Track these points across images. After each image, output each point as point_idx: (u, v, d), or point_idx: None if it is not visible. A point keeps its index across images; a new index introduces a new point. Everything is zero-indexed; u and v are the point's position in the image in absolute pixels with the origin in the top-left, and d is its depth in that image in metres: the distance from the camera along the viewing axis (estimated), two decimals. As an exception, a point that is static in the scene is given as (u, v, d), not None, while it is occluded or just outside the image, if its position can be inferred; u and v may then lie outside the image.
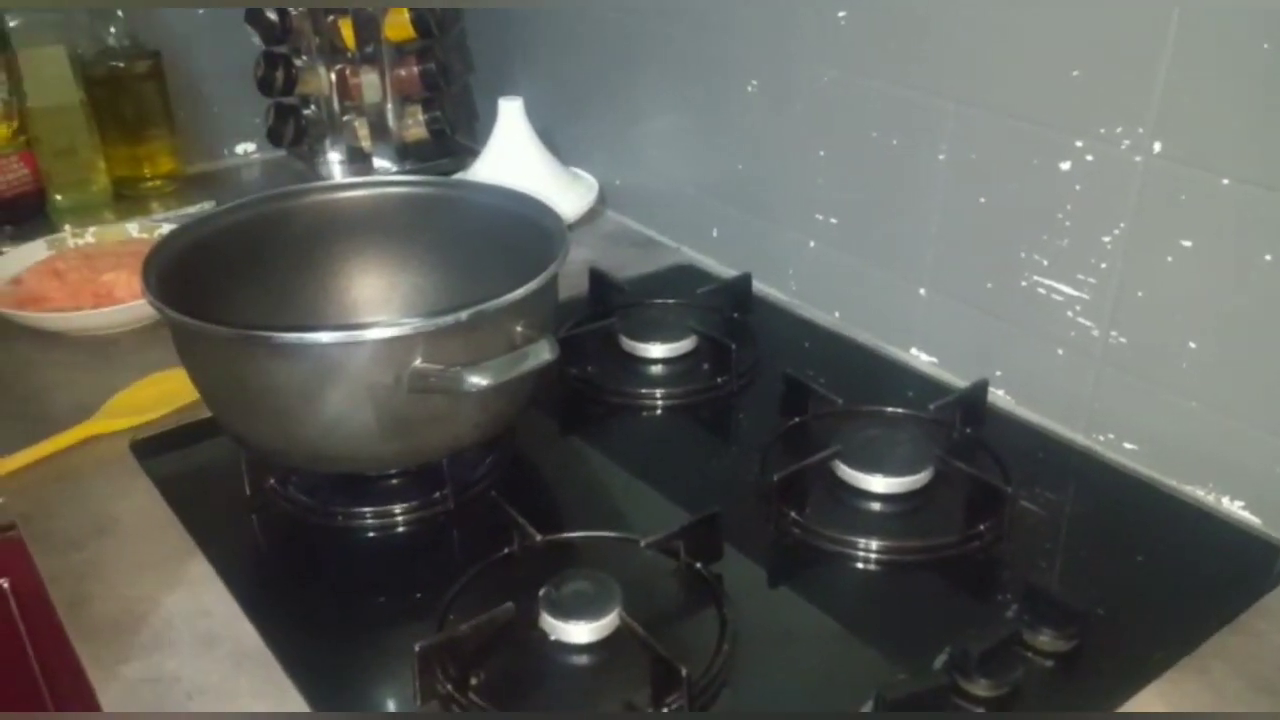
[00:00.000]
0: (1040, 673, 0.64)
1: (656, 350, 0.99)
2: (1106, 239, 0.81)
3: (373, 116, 1.42)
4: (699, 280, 1.14)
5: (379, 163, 1.43)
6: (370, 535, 0.79)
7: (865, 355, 1.03)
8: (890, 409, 0.89)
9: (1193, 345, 0.78)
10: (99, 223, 1.22)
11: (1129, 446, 0.85)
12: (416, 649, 0.60)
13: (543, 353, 0.71)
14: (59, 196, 1.31)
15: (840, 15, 0.96)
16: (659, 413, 0.94)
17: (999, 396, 0.93)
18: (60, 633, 0.70)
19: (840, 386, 0.89)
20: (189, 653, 0.67)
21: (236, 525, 0.80)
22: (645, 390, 0.95)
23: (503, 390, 0.70)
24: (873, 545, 0.74)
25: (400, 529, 0.79)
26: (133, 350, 1.01)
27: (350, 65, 1.38)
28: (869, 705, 0.60)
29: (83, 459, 0.86)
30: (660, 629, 0.63)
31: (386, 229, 0.92)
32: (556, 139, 1.37)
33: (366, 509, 0.79)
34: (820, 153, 1.03)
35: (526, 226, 0.84)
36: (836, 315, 1.08)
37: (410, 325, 0.69)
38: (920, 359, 1.00)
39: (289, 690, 0.64)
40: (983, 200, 0.90)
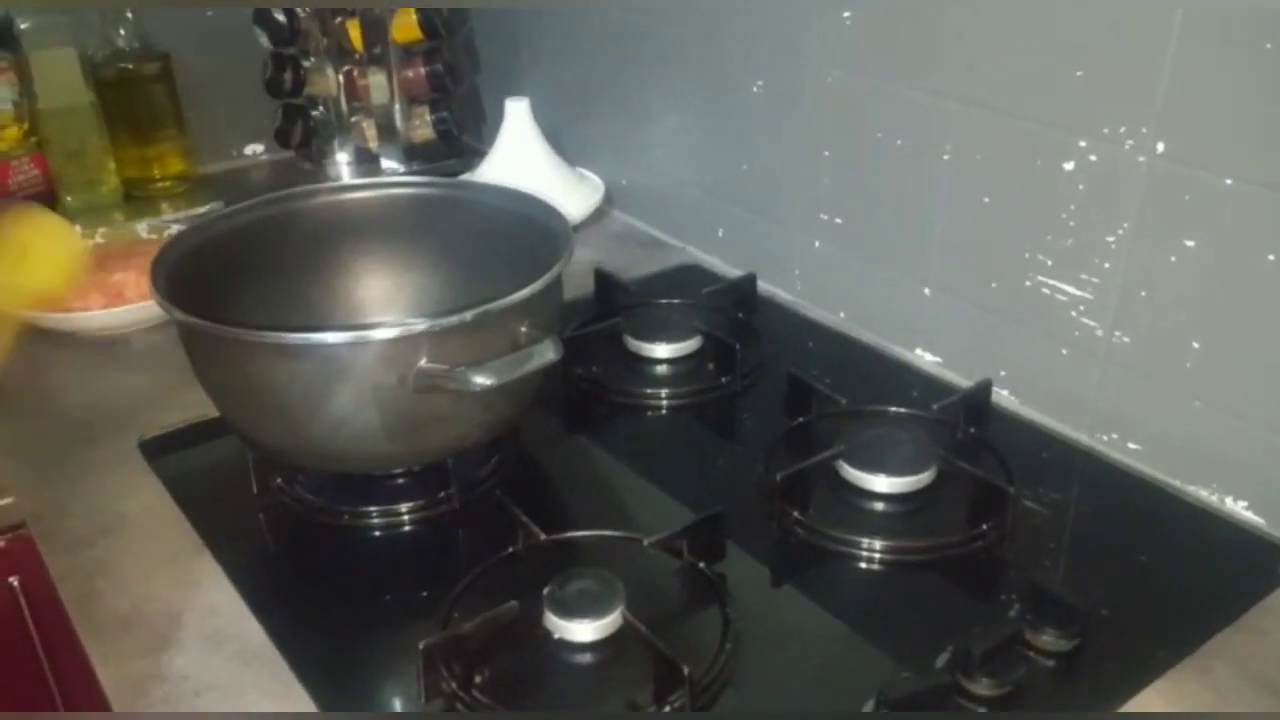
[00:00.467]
0: (1042, 672, 0.64)
1: (661, 350, 0.99)
2: (1110, 239, 0.81)
3: (380, 117, 1.42)
4: (704, 280, 1.14)
5: (386, 163, 1.44)
6: (376, 534, 0.80)
7: (870, 355, 1.03)
8: (894, 409, 0.89)
9: (1196, 345, 0.79)
10: (109, 224, 1.23)
11: (1133, 446, 0.85)
12: (421, 647, 0.61)
13: (547, 353, 0.71)
14: (69, 198, 1.32)
15: (845, 16, 0.96)
16: (663, 412, 0.94)
17: (1003, 396, 0.93)
18: (69, 630, 0.71)
19: (844, 386, 0.90)
20: (196, 651, 0.68)
21: (244, 524, 0.80)
22: (650, 390, 0.96)
23: (507, 390, 0.70)
24: (876, 545, 0.75)
25: (406, 528, 0.79)
26: (143, 350, 1.02)
27: (358, 66, 1.39)
28: (871, 704, 0.60)
29: (92, 458, 0.87)
30: (663, 628, 0.63)
31: (393, 229, 0.92)
32: (563, 139, 1.37)
33: (372, 508, 0.80)
34: (825, 153, 1.03)
35: (532, 227, 0.85)
36: (841, 315, 1.08)
37: (415, 325, 0.69)
38: (924, 359, 1.00)
39: (295, 688, 0.65)
40: (987, 200, 0.90)
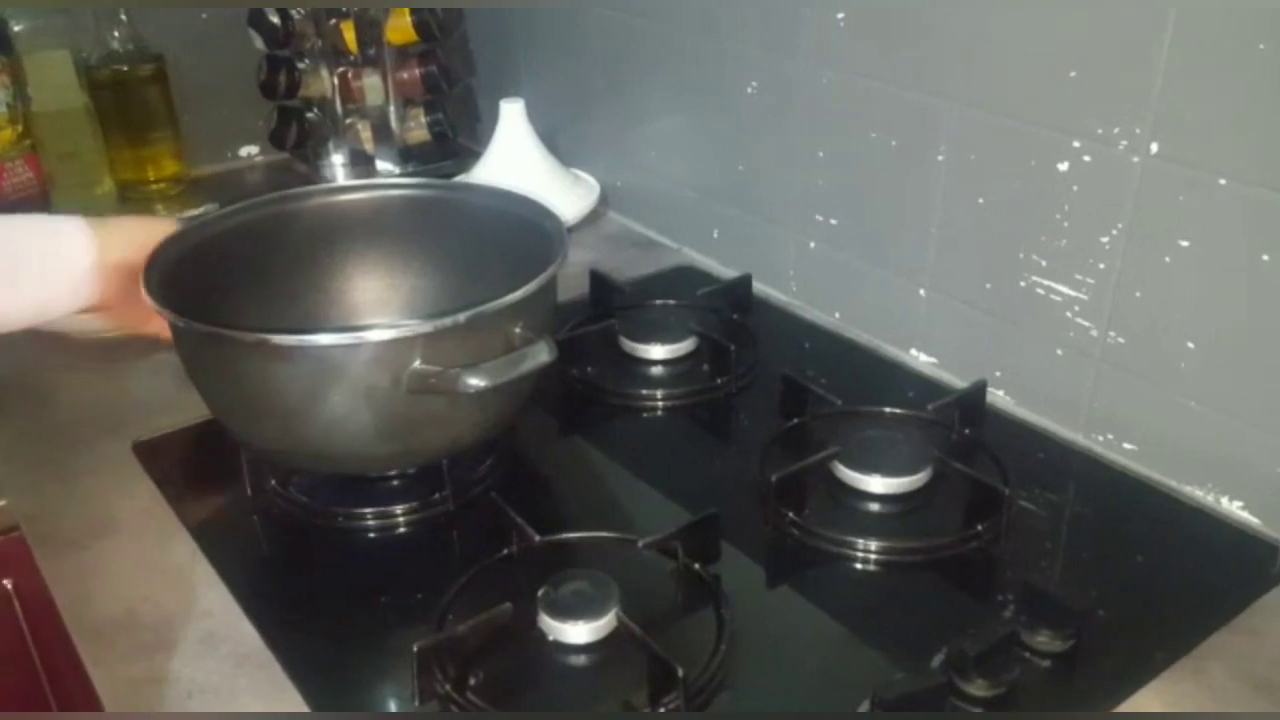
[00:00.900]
0: (1037, 673, 0.64)
1: (656, 351, 0.99)
2: (1104, 239, 0.81)
3: (375, 119, 1.42)
4: (699, 281, 1.14)
5: (381, 165, 1.44)
6: (370, 536, 0.79)
7: (865, 356, 1.03)
8: (889, 409, 0.89)
9: (1191, 345, 0.79)
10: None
11: (1128, 446, 0.85)
12: (415, 649, 0.61)
13: (541, 354, 0.71)
14: (63, 200, 1.31)
15: (839, 17, 0.96)
16: (659, 413, 0.94)
17: (998, 397, 0.93)
18: (63, 633, 0.71)
19: (839, 387, 0.90)
20: (190, 653, 0.67)
21: (238, 526, 0.80)
22: (645, 391, 0.95)
23: (501, 391, 0.70)
24: (871, 546, 0.75)
25: (400, 530, 0.79)
26: (136, 352, 1.02)
27: (352, 68, 1.39)
28: (866, 705, 0.60)
29: (85, 460, 0.86)
30: (658, 629, 0.63)
31: (387, 231, 0.92)
32: (558, 141, 1.37)
33: (367, 510, 0.80)
34: (820, 154, 1.03)
35: (526, 228, 0.84)
36: (836, 316, 1.08)
37: (409, 327, 0.69)
38: (920, 359, 1.00)
39: (289, 690, 0.64)
40: (981, 201, 0.90)
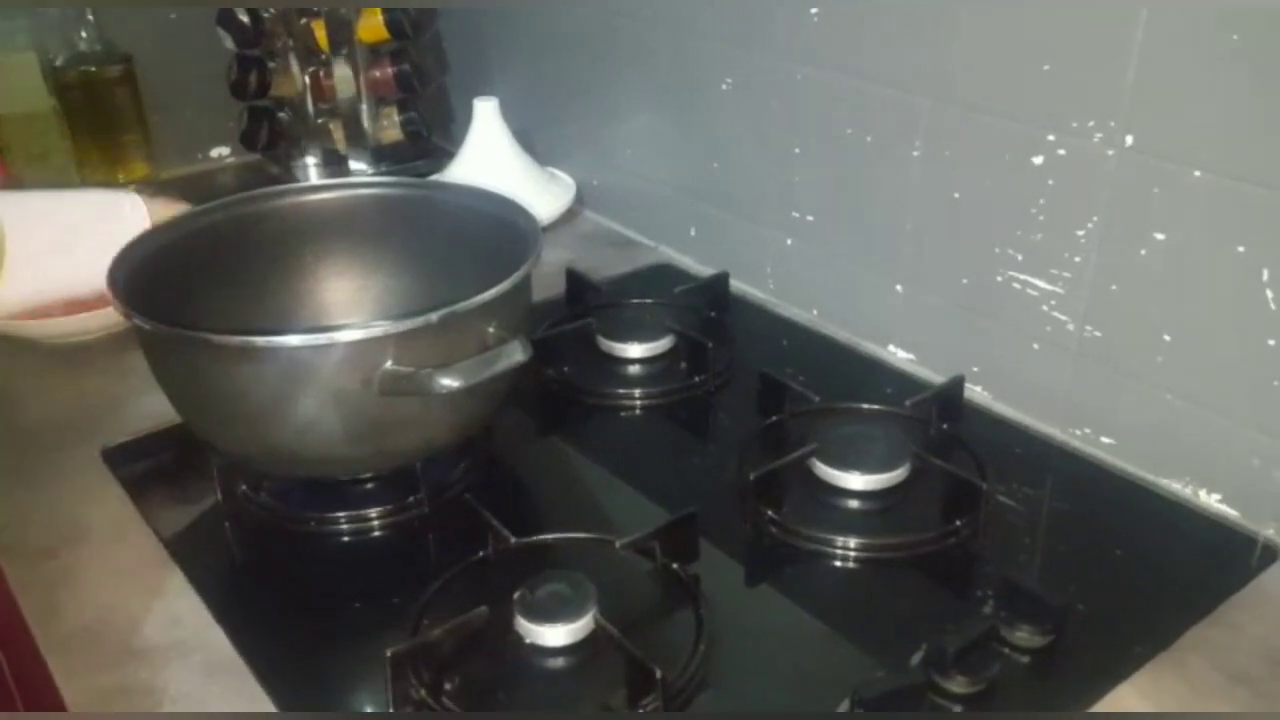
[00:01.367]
0: (1017, 669, 0.64)
1: (634, 350, 0.98)
2: (1080, 233, 0.81)
3: (348, 119, 1.41)
4: (676, 279, 1.13)
5: (354, 165, 1.42)
6: (344, 540, 0.78)
7: (843, 352, 1.02)
8: (867, 406, 0.88)
9: (1167, 338, 0.78)
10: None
11: (1105, 440, 0.85)
12: (388, 655, 0.60)
13: (515, 353, 0.70)
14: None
15: (813, 12, 0.96)
16: (636, 412, 0.93)
17: (976, 392, 0.92)
18: (31, 643, 0.69)
19: (817, 384, 0.89)
20: (160, 662, 0.66)
21: (208, 532, 0.79)
22: (623, 390, 0.95)
23: (475, 392, 0.69)
24: (850, 543, 0.74)
25: (374, 534, 0.78)
26: (105, 356, 1.00)
27: (324, 67, 1.37)
28: (845, 704, 0.59)
29: (53, 467, 0.85)
30: (636, 631, 0.63)
31: (359, 231, 0.91)
32: (533, 139, 1.36)
33: (340, 514, 0.79)
34: (795, 150, 1.03)
35: (500, 227, 0.84)
36: (814, 313, 1.08)
37: (380, 327, 0.68)
38: (897, 355, 1.00)
39: (261, 698, 0.63)
40: (957, 196, 0.89)
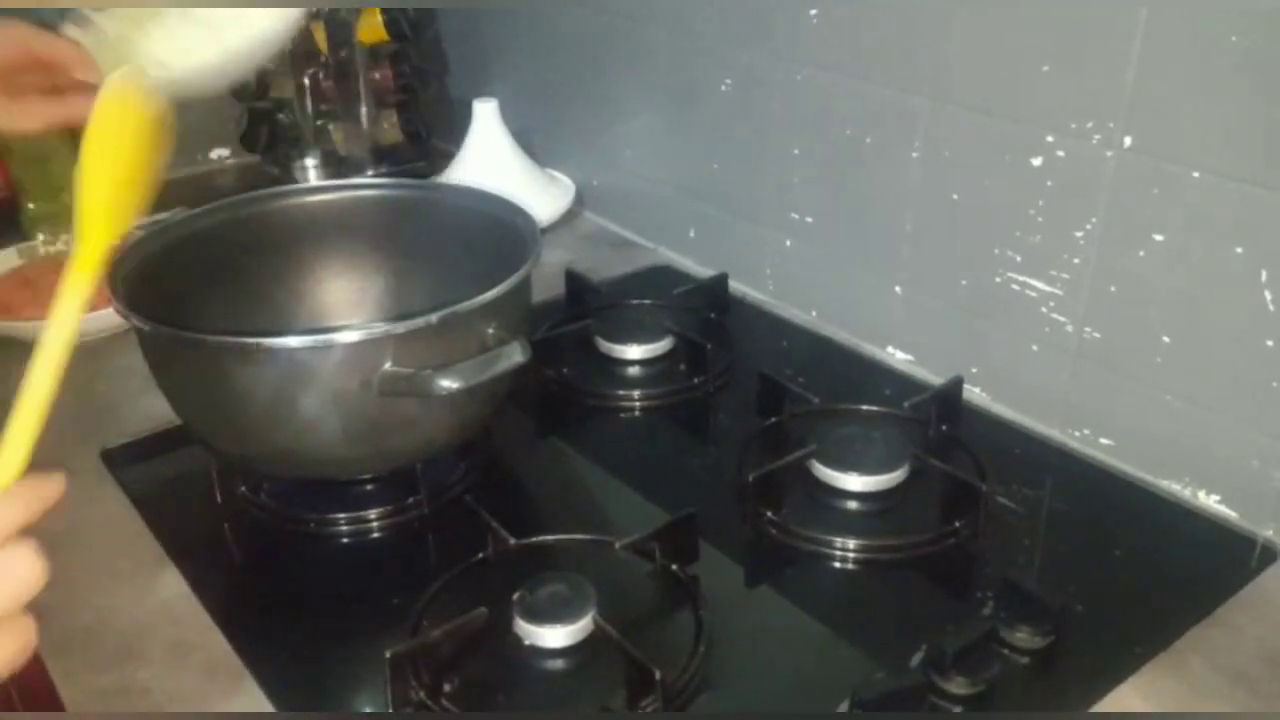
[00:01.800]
0: (1017, 669, 0.63)
1: (633, 351, 0.98)
2: (1079, 234, 0.81)
3: (347, 120, 1.41)
4: (676, 281, 1.13)
5: (354, 167, 1.42)
6: (344, 542, 0.78)
7: (842, 354, 1.02)
8: (866, 407, 0.88)
9: (1166, 339, 0.78)
10: (72, 230, 1.21)
11: (1105, 442, 0.85)
12: (388, 655, 0.60)
13: (514, 354, 0.70)
14: (32, 205, 1.29)
15: (812, 14, 0.96)
16: (636, 414, 0.93)
17: (975, 393, 0.92)
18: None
19: (816, 385, 0.89)
20: (160, 663, 0.66)
21: (208, 533, 0.79)
22: (622, 391, 0.95)
23: (475, 393, 0.69)
24: (849, 544, 0.74)
25: (373, 535, 0.78)
26: (105, 358, 1.00)
27: (323, 69, 1.37)
28: (845, 705, 0.59)
29: (52, 468, 0.85)
30: (636, 632, 0.63)
31: (359, 232, 0.91)
32: (532, 141, 1.36)
33: (339, 515, 0.79)
34: (795, 151, 1.03)
35: (499, 228, 0.84)
36: (813, 314, 1.08)
37: (380, 328, 0.68)
38: (896, 357, 1.00)
39: (260, 700, 0.63)
40: (956, 197, 0.89)
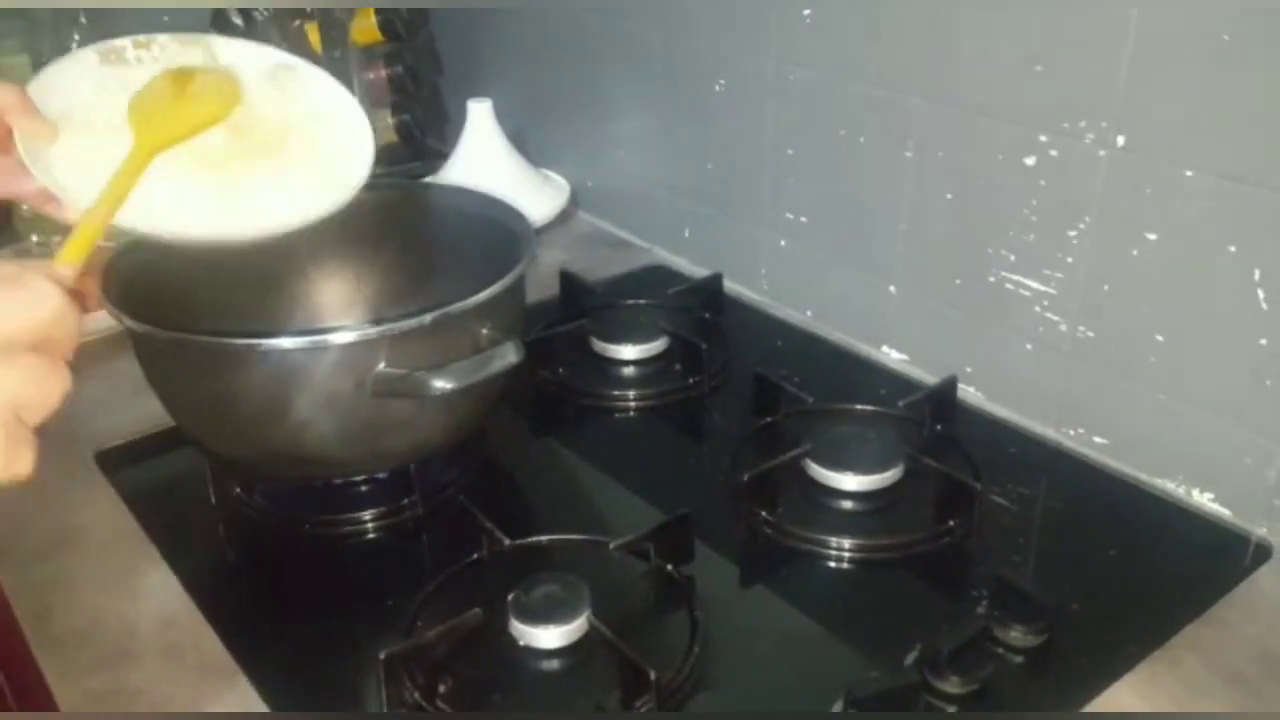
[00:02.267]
0: (1011, 668, 0.64)
1: (628, 351, 0.98)
2: (1072, 233, 0.81)
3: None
4: (670, 281, 1.14)
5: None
6: (338, 543, 0.78)
7: (837, 353, 1.02)
8: (860, 407, 0.89)
9: (1160, 338, 0.79)
10: (66, 232, 1.20)
11: (1099, 440, 0.85)
12: (382, 657, 0.60)
13: (508, 355, 0.70)
14: (25, 206, 1.29)
15: (806, 14, 0.96)
16: (631, 414, 0.93)
17: (969, 393, 0.92)
18: (24, 646, 0.69)
19: (811, 385, 0.89)
20: (154, 664, 0.66)
21: (202, 535, 0.79)
22: (617, 392, 0.95)
23: (469, 393, 0.69)
24: (844, 543, 0.74)
25: (368, 536, 0.78)
26: (98, 359, 1.00)
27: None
28: (840, 704, 0.60)
29: (47, 470, 0.84)
30: (630, 632, 0.63)
31: (352, 232, 0.90)
32: (527, 141, 1.36)
33: (334, 516, 0.79)
34: (789, 151, 1.03)
35: (493, 229, 0.84)
36: (808, 314, 1.08)
37: (374, 329, 0.68)
38: (891, 356, 1.00)
39: (255, 701, 0.63)
40: (950, 197, 0.90)
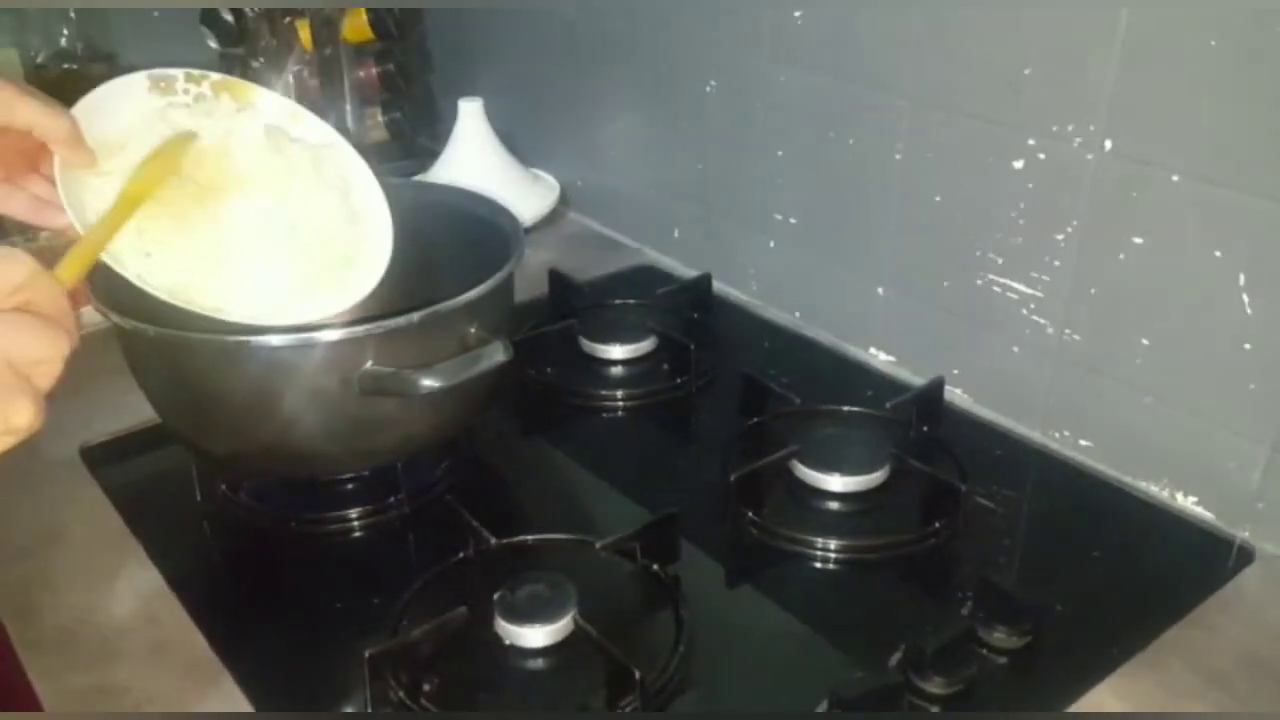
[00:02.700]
0: (994, 669, 0.64)
1: (616, 351, 0.99)
2: (1060, 236, 0.82)
3: (331, 118, 1.40)
4: (660, 281, 1.14)
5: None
6: (324, 541, 0.78)
7: (825, 354, 1.03)
8: (848, 408, 0.89)
9: (1145, 342, 0.79)
10: (50, 232, 1.20)
11: (1084, 443, 0.85)
12: (367, 655, 0.60)
13: (496, 354, 0.70)
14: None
15: (796, 15, 0.96)
16: (619, 413, 0.94)
17: (956, 394, 0.93)
18: (8, 644, 0.69)
19: (799, 386, 0.89)
20: (138, 662, 0.66)
21: (188, 532, 0.79)
22: (605, 391, 0.95)
23: (457, 392, 0.69)
24: (830, 544, 0.74)
25: (354, 534, 0.78)
26: (83, 355, 0.99)
27: (308, 67, 1.37)
28: (824, 705, 0.60)
29: (32, 466, 0.84)
30: (616, 632, 0.63)
31: (341, 231, 0.91)
32: (518, 140, 1.36)
33: (320, 514, 0.78)
34: (779, 153, 1.03)
35: (483, 228, 0.84)
36: (796, 315, 1.08)
37: (361, 327, 0.68)
38: (878, 358, 1.00)
39: (239, 699, 0.63)
40: (938, 199, 0.90)
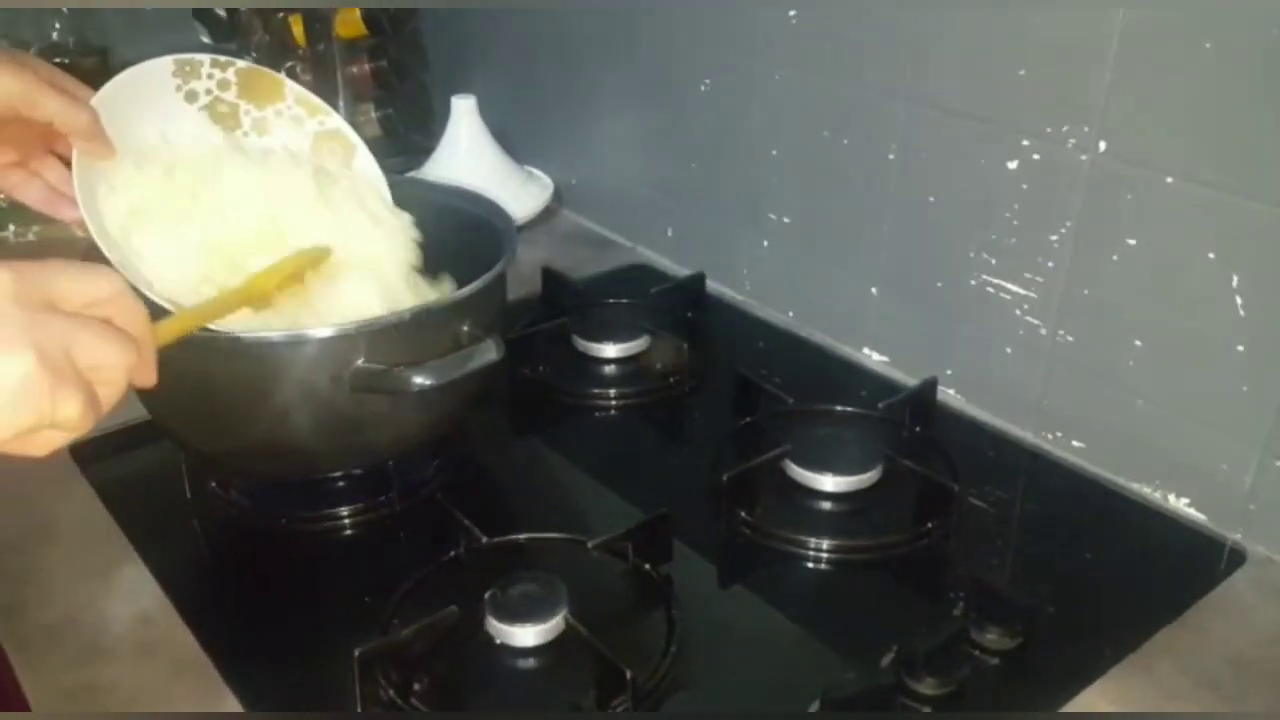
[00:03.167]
0: (986, 671, 0.64)
1: (609, 350, 0.98)
2: (1053, 237, 0.82)
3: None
4: (653, 280, 1.13)
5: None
6: (315, 539, 0.78)
7: (818, 354, 1.02)
8: (840, 408, 0.89)
9: (1139, 343, 0.79)
10: (43, 222, 1.20)
11: (1077, 444, 0.85)
12: (356, 654, 0.59)
13: (488, 352, 0.70)
14: (2, 196, 1.28)
15: (791, 15, 0.96)
16: (612, 413, 0.93)
17: (949, 395, 0.93)
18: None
19: (792, 386, 0.89)
20: (127, 660, 0.66)
21: (177, 530, 0.78)
22: (598, 390, 0.95)
23: (448, 390, 0.69)
24: (822, 544, 0.74)
25: (345, 532, 0.78)
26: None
27: (300, 62, 1.37)
28: (816, 705, 0.60)
29: (20, 463, 0.83)
30: (607, 631, 0.63)
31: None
32: (511, 138, 1.36)
33: (311, 512, 0.78)
34: (773, 152, 1.03)
35: (475, 225, 0.83)
36: (789, 314, 1.08)
37: (353, 324, 0.68)
38: (872, 358, 1.00)
39: (228, 698, 0.63)
40: (932, 199, 0.90)
